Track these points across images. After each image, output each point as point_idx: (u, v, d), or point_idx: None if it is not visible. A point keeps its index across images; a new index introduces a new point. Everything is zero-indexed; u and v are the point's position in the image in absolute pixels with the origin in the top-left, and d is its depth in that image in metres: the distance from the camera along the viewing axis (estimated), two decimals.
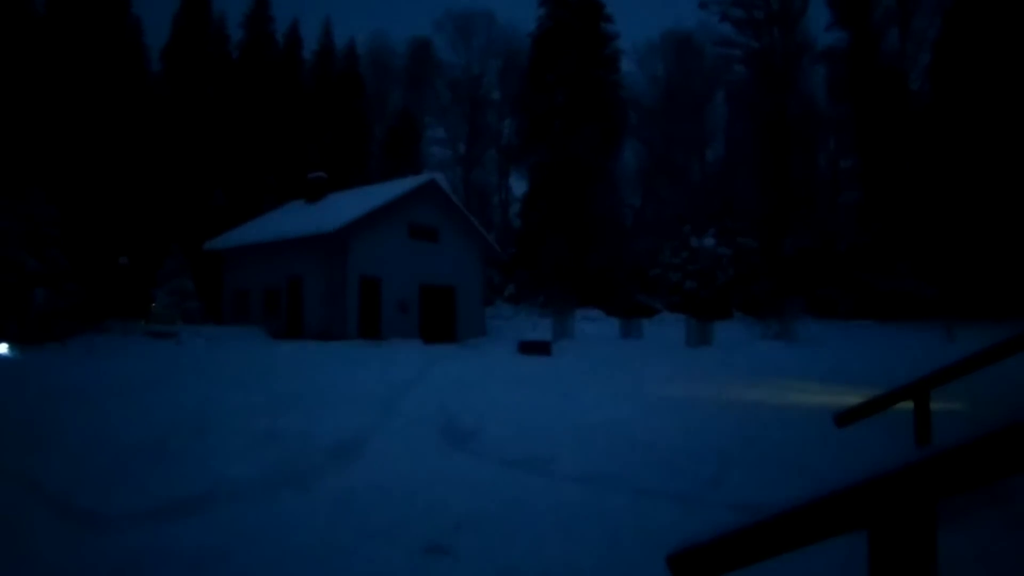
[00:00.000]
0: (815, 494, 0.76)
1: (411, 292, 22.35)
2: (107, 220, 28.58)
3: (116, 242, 28.33)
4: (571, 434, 6.41)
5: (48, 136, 27.69)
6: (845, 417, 2.48)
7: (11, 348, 14.16)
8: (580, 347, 18.62)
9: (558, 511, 4.22)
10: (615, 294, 34.41)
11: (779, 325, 21.35)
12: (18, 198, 19.79)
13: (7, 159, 25.13)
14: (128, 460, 4.97)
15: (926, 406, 2.41)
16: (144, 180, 30.80)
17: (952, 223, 28.62)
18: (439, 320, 23.09)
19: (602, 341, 21.07)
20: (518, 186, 49.40)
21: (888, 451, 1.27)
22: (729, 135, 47.99)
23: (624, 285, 35.29)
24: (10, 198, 19.64)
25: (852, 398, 3.41)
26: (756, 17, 40.96)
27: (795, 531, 0.77)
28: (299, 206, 26.16)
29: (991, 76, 26.81)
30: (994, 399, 6.50)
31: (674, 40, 50.13)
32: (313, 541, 3.66)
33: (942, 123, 30.48)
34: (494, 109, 53.08)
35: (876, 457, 0.87)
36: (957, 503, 4.21)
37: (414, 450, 6.01)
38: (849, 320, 28.34)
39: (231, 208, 31.72)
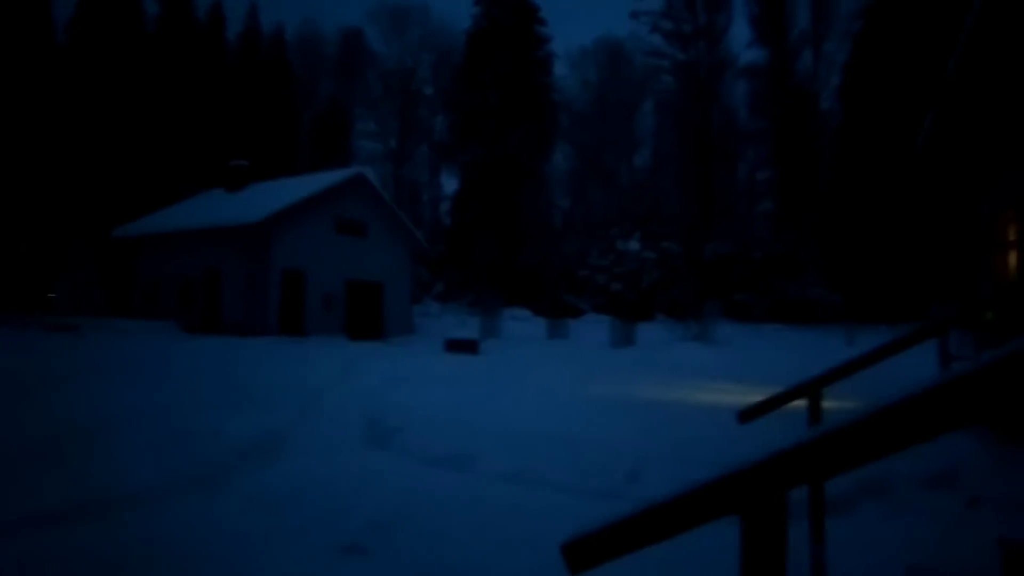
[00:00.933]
0: (692, 483, 0.81)
1: (337, 288, 21.81)
2: None
3: (10, 227, 26.06)
4: (495, 432, 6.45)
5: None
6: (747, 414, 2.64)
7: None
8: (507, 346, 18.75)
9: (479, 509, 4.24)
10: (543, 294, 34.86)
11: (698, 327, 22.29)
12: None
13: None
14: (13, 463, 4.60)
15: (818, 403, 2.60)
16: (46, 161, 28.49)
17: (854, 236, 30.80)
18: (366, 317, 22.66)
19: (529, 340, 21.30)
20: (449, 183, 49.13)
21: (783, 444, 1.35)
22: (656, 142, 49.60)
23: (552, 285, 35.80)
24: None
25: (760, 396, 3.64)
26: (684, 31, 42.54)
27: (676, 518, 0.82)
28: (219, 195, 24.99)
29: (893, 100, 29.00)
30: (879, 395, 7.05)
31: (606, 47, 51.31)
32: (222, 544, 3.51)
33: (848, 143, 32.73)
34: (427, 104, 52.53)
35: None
36: (846, 495, 4.54)
37: (334, 449, 5.88)
38: (762, 323, 29.95)
39: (144, 194, 29.83)
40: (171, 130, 33.60)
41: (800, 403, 2.65)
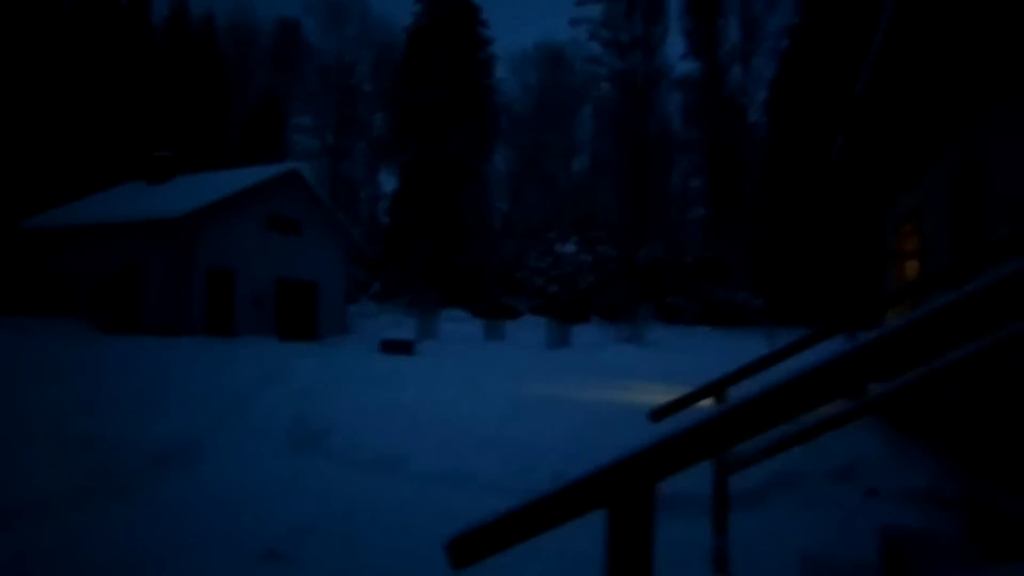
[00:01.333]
0: (566, 480, 0.86)
1: (268, 286, 21.11)
2: None
3: None
4: (426, 433, 6.43)
5: None
6: (659, 413, 2.76)
7: None
8: (443, 347, 18.68)
9: (405, 511, 4.22)
10: (481, 295, 34.89)
11: (631, 329, 22.89)
12: None
13: None
14: None
15: (723, 401, 2.74)
16: None
17: (778, 243, 32.41)
18: (298, 317, 22.04)
19: (466, 341, 21.29)
20: (388, 182, 48.42)
21: None
22: (594, 148, 50.51)
23: (490, 287, 35.90)
24: None
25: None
26: (622, 40, 43.51)
27: (550, 513, 0.87)
28: (140, 187, 23.71)
29: (815, 116, 30.67)
30: None
31: (547, 52, 51.86)
32: (131, 555, 3.35)
33: (774, 155, 34.41)
34: (366, 101, 51.56)
35: None
36: (759, 488, 4.79)
37: (258, 454, 5.71)
38: (692, 326, 31.03)
39: (56, 184, 27.94)
40: (88, 116, 31.60)
41: (706, 403, 2.80)
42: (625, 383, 10.58)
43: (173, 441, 5.39)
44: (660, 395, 8.74)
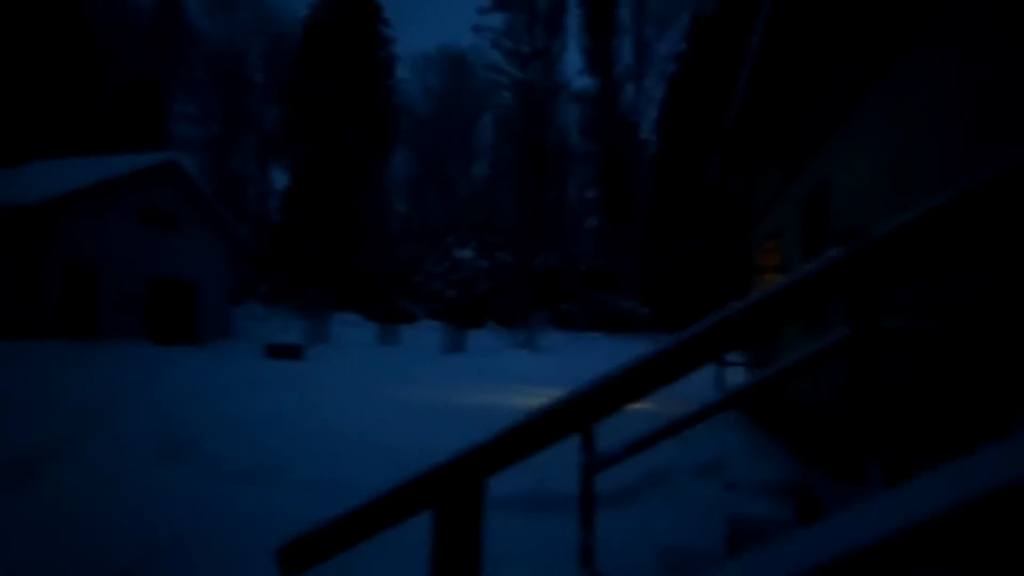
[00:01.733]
0: (391, 484, 0.89)
1: (139, 285, 19.46)
2: None
3: None
4: (309, 441, 6.22)
5: None
6: None
7: None
8: (335, 352, 18.12)
9: (275, 524, 4.05)
10: (377, 299, 34.17)
11: (526, 335, 23.34)
12: None
13: None
14: None
15: None
16: None
17: (664, 255, 34.37)
18: (175, 318, 20.48)
19: (360, 346, 20.77)
20: (279, 178, 46.23)
21: None
22: (494, 155, 51.05)
23: (387, 290, 35.25)
24: None
25: None
26: (522, 51, 44.37)
27: (377, 517, 0.89)
28: None
29: (699, 138, 32.84)
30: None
31: (449, 56, 51.87)
32: None
33: (661, 170, 36.45)
34: (256, 93, 48.99)
35: None
36: (632, 486, 5.05)
37: (119, 467, 5.25)
38: (584, 332, 32.14)
39: None
40: None
41: None
42: (518, 387, 10.77)
43: (11, 456, 4.83)
44: (543, 398, 9.00)
